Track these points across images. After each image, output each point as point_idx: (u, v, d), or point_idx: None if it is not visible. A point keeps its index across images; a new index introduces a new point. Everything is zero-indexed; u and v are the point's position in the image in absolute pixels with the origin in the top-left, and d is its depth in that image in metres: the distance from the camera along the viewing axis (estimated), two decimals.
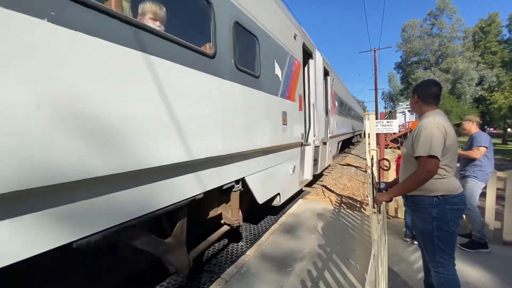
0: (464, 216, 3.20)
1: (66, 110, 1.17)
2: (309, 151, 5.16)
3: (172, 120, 1.71)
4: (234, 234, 3.76)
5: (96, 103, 1.28)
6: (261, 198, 3.21)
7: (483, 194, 3.26)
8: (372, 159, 2.69)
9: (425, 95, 1.87)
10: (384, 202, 2.21)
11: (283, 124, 3.65)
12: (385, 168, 2.75)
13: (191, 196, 2.03)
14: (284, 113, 3.69)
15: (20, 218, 1.09)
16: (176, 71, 1.77)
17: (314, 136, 5.29)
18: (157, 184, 1.74)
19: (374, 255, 1.14)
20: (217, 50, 2.19)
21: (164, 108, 1.66)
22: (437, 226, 1.70)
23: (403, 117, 31.22)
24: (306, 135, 5.17)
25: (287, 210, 4.68)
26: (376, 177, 2.53)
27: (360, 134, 22.80)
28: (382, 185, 2.20)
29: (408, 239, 3.28)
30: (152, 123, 1.58)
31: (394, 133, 17.38)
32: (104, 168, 1.32)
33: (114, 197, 1.47)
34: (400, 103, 37.11)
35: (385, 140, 15.97)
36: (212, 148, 2.14)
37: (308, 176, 5.25)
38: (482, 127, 30.28)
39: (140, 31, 1.52)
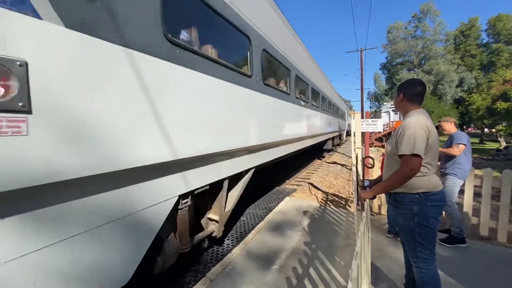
0: (443, 212, 3.31)
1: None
2: None
3: None
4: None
5: None
6: None
7: (461, 191, 3.39)
8: (356, 157, 2.72)
9: (410, 94, 1.90)
10: (368, 199, 2.24)
11: None
12: (369, 166, 2.79)
13: None
14: None
15: None
16: None
17: None
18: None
19: (357, 252, 1.15)
20: None
21: None
22: (418, 222, 1.74)
23: (387, 117, 32.09)
24: None
25: (274, 208, 4.68)
26: (361, 175, 2.57)
27: (340, 136, 17.61)
28: (366, 183, 2.23)
29: (390, 235, 3.36)
30: None
31: (379, 132, 17.83)
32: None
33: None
34: (385, 103, 38.06)
35: (370, 138, 16.36)
36: None
37: None
38: (461, 127, 31.60)
39: None
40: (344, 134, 20.34)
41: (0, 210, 1.10)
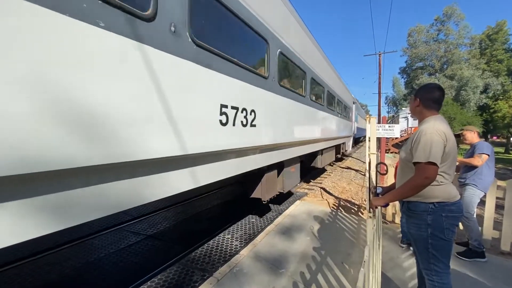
0: (460, 224, 3.16)
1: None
2: None
3: None
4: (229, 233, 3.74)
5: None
6: None
7: (482, 202, 3.22)
8: (369, 163, 2.65)
9: (427, 99, 1.82)
10: (380, 207, 2.18)
11: None
12: (383, 172, 2.71)
13: None
14: None
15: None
16: None
17: None
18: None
19: (364, 261, 1.12)
20: None
21: None
22: (432, 233, 1.67)
23: (405, 122, 31.06)
24: None
25: (284, 211, 4.64)
26: (374, 181, 2.49)
27: (341, 145, 10.08)
28: (379, 190, 2.16)
29: (404, 245, 3.24)
30: None
31: (396, 138, 17.31)
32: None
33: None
34: (403, 108, 36.94)
35: (387, 144, 15.92)
36: None
37: None
38: (484, 135, 30.05)
39: None
40: (351, 142, 13.30)
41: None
